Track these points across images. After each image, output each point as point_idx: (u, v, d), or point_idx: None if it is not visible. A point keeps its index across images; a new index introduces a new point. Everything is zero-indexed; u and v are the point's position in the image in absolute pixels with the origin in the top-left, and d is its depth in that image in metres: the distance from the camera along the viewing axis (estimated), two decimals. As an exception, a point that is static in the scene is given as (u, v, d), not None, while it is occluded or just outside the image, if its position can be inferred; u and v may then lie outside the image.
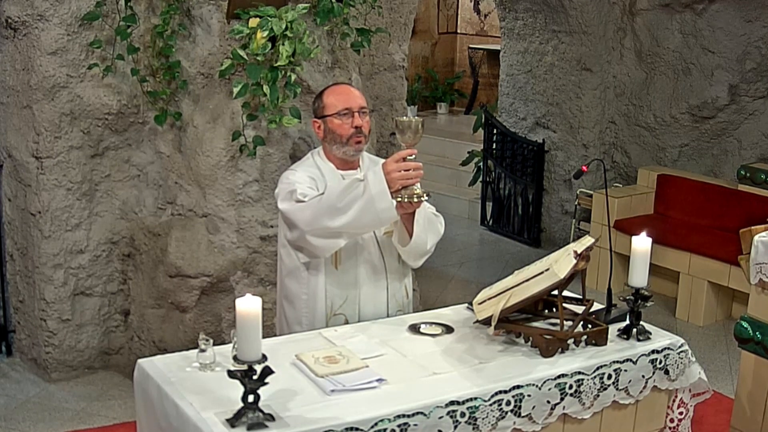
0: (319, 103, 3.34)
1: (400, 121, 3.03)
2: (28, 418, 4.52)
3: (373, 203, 2.97)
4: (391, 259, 3.34)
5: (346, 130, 3.25)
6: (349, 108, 3.26)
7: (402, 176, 2.98)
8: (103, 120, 4.71)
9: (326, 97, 3.33)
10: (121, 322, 5.05)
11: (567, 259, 2.91)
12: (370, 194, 2.97)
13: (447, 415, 2.66)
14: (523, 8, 7.61)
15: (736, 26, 6.67)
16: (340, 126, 3.26)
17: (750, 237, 4.04)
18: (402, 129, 3.02)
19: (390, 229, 3.31)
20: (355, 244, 3.25)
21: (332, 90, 3.37)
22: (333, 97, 3.31)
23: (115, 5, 4.52)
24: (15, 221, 4.94)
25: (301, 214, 3.11)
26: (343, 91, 3.34)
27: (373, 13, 5.06)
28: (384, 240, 3.31)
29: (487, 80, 11.35)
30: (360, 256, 3.28)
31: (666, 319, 6.15)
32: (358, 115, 3.26)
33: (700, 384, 3.26)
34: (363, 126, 3.27)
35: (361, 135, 3.27)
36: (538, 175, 7.68)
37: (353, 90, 3.38)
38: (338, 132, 3.26)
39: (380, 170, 2.98)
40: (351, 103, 3.27)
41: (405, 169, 2.98)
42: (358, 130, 3.26)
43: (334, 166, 3.32)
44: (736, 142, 6.88)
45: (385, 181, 2.97)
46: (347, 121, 3.25)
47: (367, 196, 2.97)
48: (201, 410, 2.54)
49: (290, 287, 3.33)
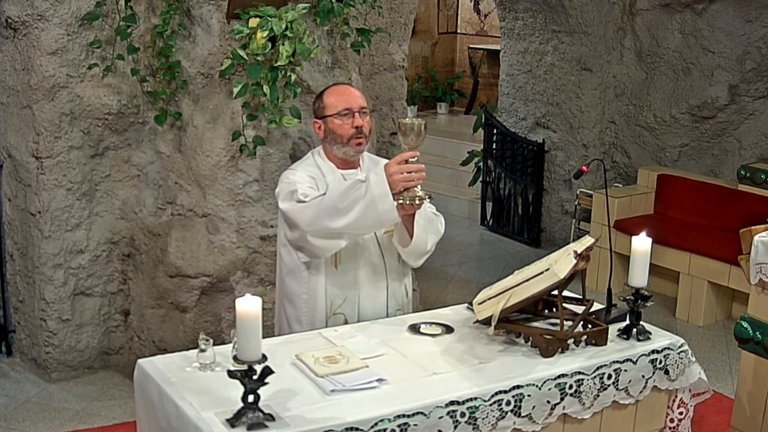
0: (320, 104, 3.34)
1: (403, 123, 3.03)
2: (28, 418, 4.52)
3: (374, 204, 2.98)
4: (392, 259, 3.34)
5: (347, 131, 3.25)
6: (349, 108, 3.25)
7: (404, 178, 2.98)
8: (103, 120, 4.71)
9: (326, 97, 3.32)
10: (121, 322, 5.05)
11: (567, 259, 2.91)
12: (371, 195, 2.97)
13: (447, 415, 2.66)
14: (523, 8, 7.61)
15: (736, 26, 6.67)
16: (340, 126, 3.25)
17: (750, 237, 4.04)
18: (405, 131, 3.02)
19: (390, 229, 3.31)
20: (356, 244, 3.25)
21: (332, 90, 3.36)
22: (333, 97, 3.30)
23: (115, 5, 4.52)
24: (15, 221, 4.94)
25: (302, 215, 3.11)
26: (343, 92, 3.34)
27: (373, 13, 5.06)
28: (384, 239, 3.31)
29: (487, 80, 11.35)
30: (360, 256, 3.28)
31: (666, 319, 6.15)
32: (359, 115, 3.26)
33: (700, 384, 3.26)
34: (363, 126, 3.27)
35: (362, 135, 3.27)
36: (538, 175, 7.68)
37: (353, 90, 3.37)
38: (338, 132, 3.26)
39: (382, 171, 2.98)
40: (351, 103, 3.27)
41: (407, 171, 2.98)
42: (359, 130, 3.26)
43: (334, 166, 3.32)
44: (736, 142, 6.88)
45: (387, 182, 2.97)
46: (348, 122, 3.25)
47: (369, 198, 2.97)
48: (201, 410, 2.54)
49: (290, 286, 3.34)
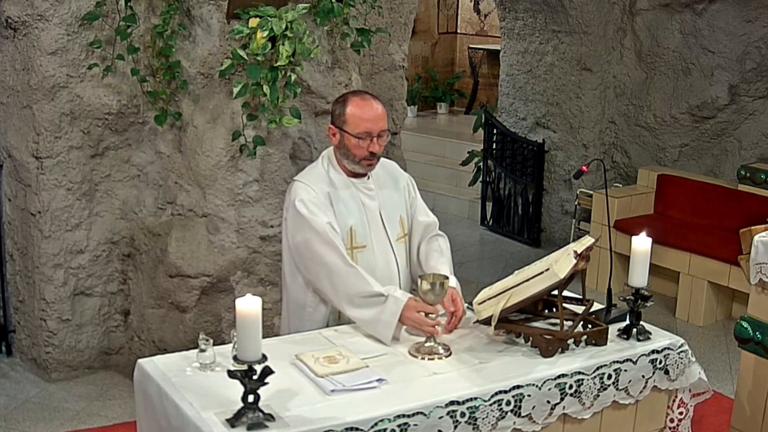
0: (341, 111, 3.21)
1: (424, 291, 3.00)
2: (28, 418, 4.52)
3: (377, 324, 3.05)
4: (403, 265, 3.38)
5: (361, 152, 3.19)
6: (369, 132, 3.16)
7: (414, 326, 3.03)
8: (103, 120, 4.71)
9: (350, 107, 3.19)
10: (121, 322, 5.05)
11: (567, 259, 2.91)
12: (378, 317, 3.04)
13: (447, 415, 2.66)
14: (523, 8, 7.61)
15: (736, 26, 6.67)
16: (356, 146, 3.18)
17: (750, 237, 4.05)
18: (425, 291, 2.99)
19: (402, 235, 3.33)
20: (372, 252, 3.27)
21: (357, 103, 3.20)
22: (358, 113, 3.17)
23: (115, 5, 4.52)
24: (15, 221, 4.94)
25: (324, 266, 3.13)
26: (368, 110, 3.18)
27: (373, 13, 5.06)
28: (398, 246, 3.34)
29: (487, 80, 11.35)
30: (375, 267, 3.27)
31: (666, 319, 6.15)
32: (377, 139, 3.18)
33: (700, 384, 3.26)
34: (378, 151, 3.21)
35: (374, 158, 3.22)
36: (538, 175, 7.68)
37: (378, 108, 3.20)
38: (353, 151, 3.19)
39: (401, 306, 3.01)
40: (372, 127, 3.16)
41: (420, 323, 3.01)
42: (372, 154, 3.20)
43: (345, 176, 3.28)
44: (736, 142, 6.88)
45: (398, 318, 3.02)
46: (364, 144, 3.17)
47: (376, 316, 3.04)
48: (201, 410, 2.54)
49: (294, 292, 3.33)
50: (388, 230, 3.32)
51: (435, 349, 2.97)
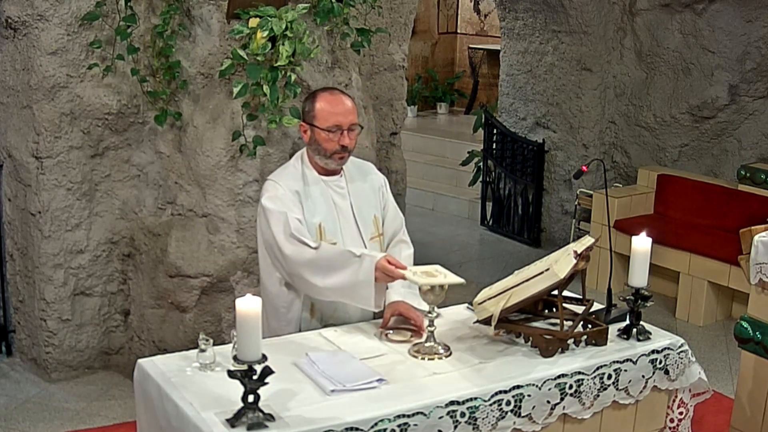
0: (310, 108, 3.24)
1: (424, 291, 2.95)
2: (28, 418, 4.52)
3: (356, 287, 3.02)
4: None
5: (332, 146, 3.20)
6: (339, 125, 3.18)
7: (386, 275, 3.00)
8: (103, 120, 4.71)
9: (318, 103, 3.22)
10: (121, 322, 5.05)
11: (567, 259, 2.91)
12: (356, 278, 3.01)
13: (447, 415, 2.67)
14: (523, 8, 7.61)
15: (736, 26, 6.67)
16: (326, 140, 3.20)
17: (750, 237, 4.05)
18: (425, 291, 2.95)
19: (376, 234, 3.33)
20: None
21: (326, 98, 3.23)
22: (326, 108, 3.20)
23: (115, 5, 4.52)
24: (15, 221, 4.94)
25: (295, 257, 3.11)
26: (337, 104, 3.21)
27: (373, 13, 5.06)
28: (371, 245, 3.32)
29: (487, 80, 11.35)
30: None
31: (666, 319, 6.15)
32: (347, 132, 3.20)
33: (700, 384, 3.26)
34: (349, 144, 3.22)
35: (345, 152, 3.23)
36: (538, 175, 7.68)
37: (347, 102, 3.23)
38: (324, 146, 3.21)
39: (374, 263, 2.99)
40: (342, 120, 3.18)
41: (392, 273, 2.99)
42: (344, 148, 3.21)
43: (317, 173, 3.29)
44: (736, 142, 6.88)
45: (374, 273, 2.99)
46: (335, 138, 3.18)
47: (353, 277, 3.01)
48: (201, 410, 2.54)
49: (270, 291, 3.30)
50: (361, 229, 3.32)
51: (435, 349, 2.97)
